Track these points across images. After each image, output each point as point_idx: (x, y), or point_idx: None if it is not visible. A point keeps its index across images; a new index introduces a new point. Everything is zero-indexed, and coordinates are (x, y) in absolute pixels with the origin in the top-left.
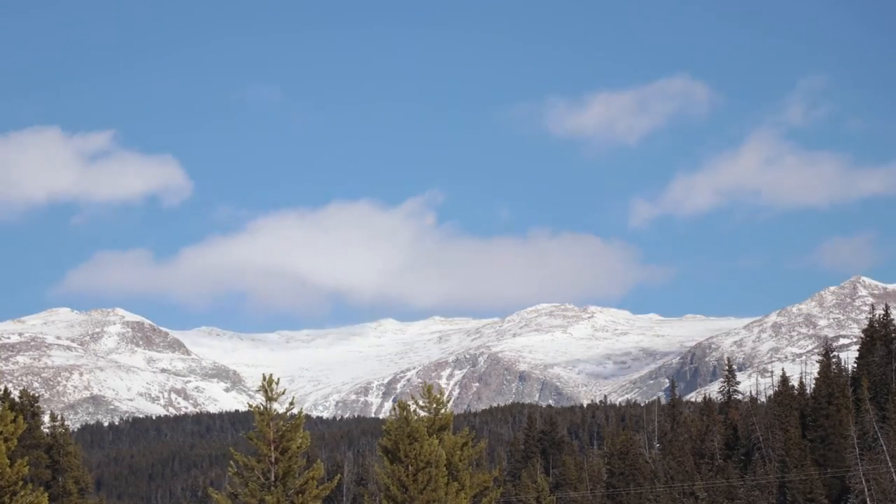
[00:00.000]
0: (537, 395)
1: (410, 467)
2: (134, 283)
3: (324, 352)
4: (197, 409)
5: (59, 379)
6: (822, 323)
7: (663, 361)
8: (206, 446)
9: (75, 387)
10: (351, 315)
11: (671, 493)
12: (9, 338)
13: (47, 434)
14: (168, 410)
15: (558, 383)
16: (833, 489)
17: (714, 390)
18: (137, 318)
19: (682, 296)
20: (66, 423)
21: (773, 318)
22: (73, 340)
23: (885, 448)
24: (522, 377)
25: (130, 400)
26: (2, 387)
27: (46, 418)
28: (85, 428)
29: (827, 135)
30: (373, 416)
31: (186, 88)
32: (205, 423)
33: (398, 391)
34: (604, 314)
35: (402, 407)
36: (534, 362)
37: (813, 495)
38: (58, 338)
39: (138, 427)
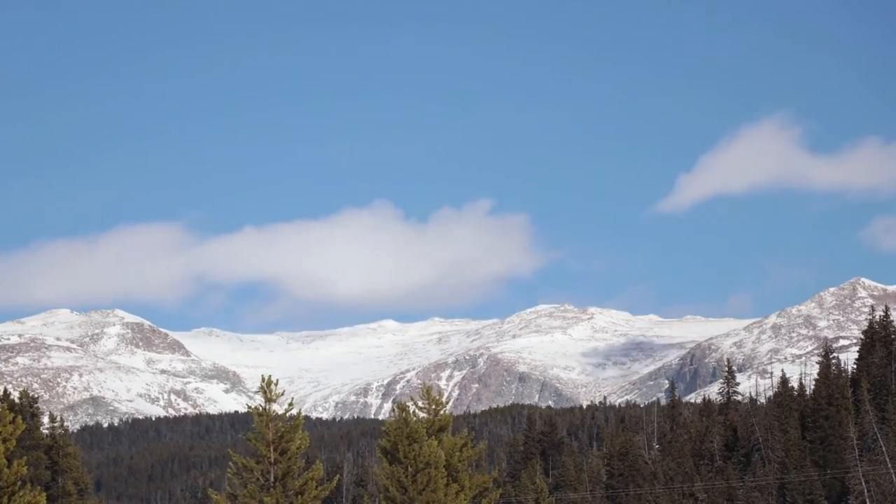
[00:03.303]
0: (537, 396)
1: (410, 468)
2: (134, 283)
3: (323, 353)
4: (196, 411)
5: (58, 380)
6: (822, 324)
7: (663, 362)
8: (206, 447)
9: (75, 388)
10: (350, 316)
11: (671, 495)
12: (9, 339)
13: (46, 435)
14: (167, 411)
15: (558, 384)
16: (833, 490)
17: (714, 391)
18: (137, 319)
19: (682, 297)
20: (65, 424)
21: (772, 319)
22: (72, 341)
23: (884, 449)
24: (522, 378)
25: (130, 401)
26: (1, 388)
27: (46, 419)
28: (84, 429)
29: None
30: (372, 417)
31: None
32: (204, 425)
33: (398, 392)
34: (603, 315)
35: (402, 408)
36: (533, 363)
37: (812, 496)
38: (57, 339)
39: (138, 428)
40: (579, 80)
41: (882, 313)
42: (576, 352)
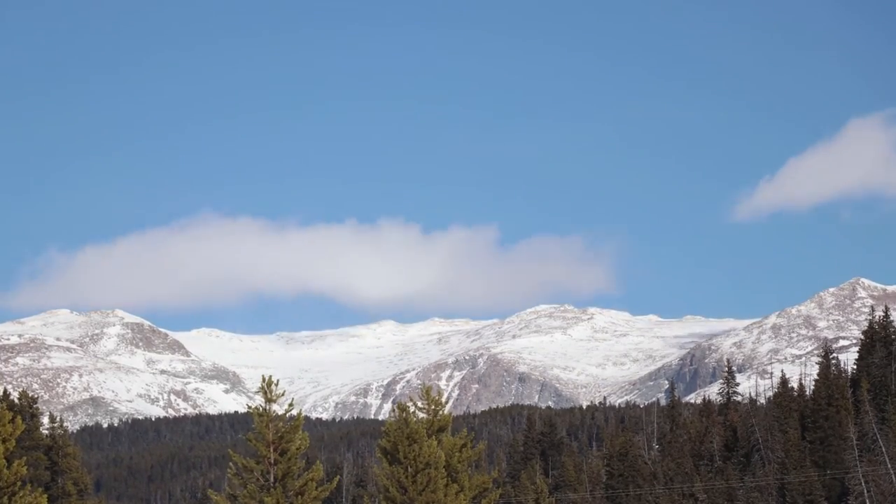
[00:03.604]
0: (536, 396)
1: (410, 468)
2: (134, 284)
3: (323, 353)
4: (196, 411)
5: (58, 380)
6: (822, 324)
7: (663, 363)
8: (206, 448)
9: (75, 388)
10: (350, 317)
11: (670, 495)
12: (8, 339)
13: (46, 435)
14: (167, 412)
15: (558, 385)
16: (832, 491)
17: (713, 392)
18: (137, 319)
19: (682, 297)
20: (65, 424)
21: (772, 319)
22: (72, 342)
23: (884, 450)
24: (522, 379)
25: (130, 401)
26: (1, 388)
27: (45, 420)
28: (84, 429)
29: None
30: (372, 417)
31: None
32: (204, 425)
33: (397, 393)
34: (603, 316)
35: (402, 408)
36: (533, 364)
37: (812, 497)
38: (57, 339)
39: (137, 428)
40: (668, 80)
41: (882, 313)
42: (576, 352)
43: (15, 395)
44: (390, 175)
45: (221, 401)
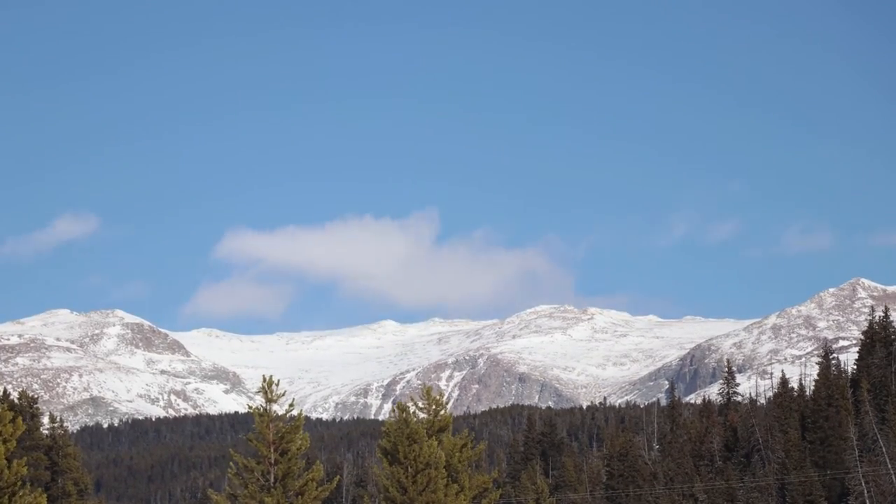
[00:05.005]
0: (537, 396)
1: (410, 469)
2: (134, 284)
3: (323, 353)
4: (196, 411)
5: (58, 380)
6: (822, 325)
7: (662, 363)
8: (206, 448)
9: (75, 388)
10: (350, 317)
11: (671, 495)
12: (8, 339)
13: (46, 436)
14: (167, 412)
15: (558, 385)
16: (833, 491)
17: (713, 392)
18: (137, 319)
19: (682, 297)
20: (65, 424)
21: (772, 319)
22: (72, 342)
23: (884, 450)
24: (522, 379)
25: (130, 401)
26: (1, 388)
27: (46, 420)
28: (84, 429)
29: None
30: (372, 417)
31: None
32: (204, 425)
33: (398, 393)
34: (603, 316)
35: (402, 409)
36: (533, 364)
37: (812, 497)
38: (57, 339)
39: (138, 429)
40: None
41: (882, 314)
42: (576, 352)
43: (15, 396)
44: (390, 175)
45: (221, 401)
